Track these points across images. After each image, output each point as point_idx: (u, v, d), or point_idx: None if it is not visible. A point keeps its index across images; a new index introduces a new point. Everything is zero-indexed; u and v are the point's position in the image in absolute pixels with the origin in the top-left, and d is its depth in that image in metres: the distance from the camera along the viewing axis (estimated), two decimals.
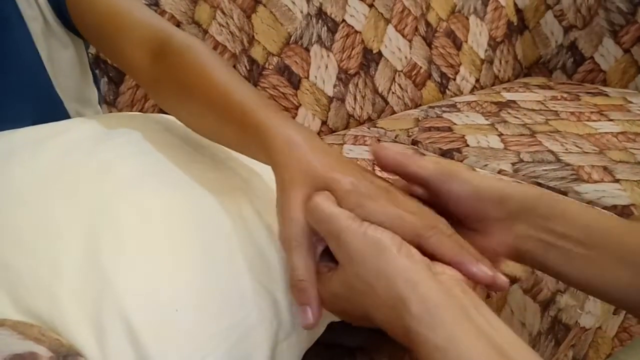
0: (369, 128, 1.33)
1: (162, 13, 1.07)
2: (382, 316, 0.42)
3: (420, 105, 1.46)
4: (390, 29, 1.41)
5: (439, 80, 1.50)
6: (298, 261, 0.45)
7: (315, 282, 0.46)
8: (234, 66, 1.18)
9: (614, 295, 0.47)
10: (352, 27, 1.34)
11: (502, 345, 0.39)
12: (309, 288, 0.45)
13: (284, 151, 0.47)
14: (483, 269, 0.44)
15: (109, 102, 1.03)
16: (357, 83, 1.35)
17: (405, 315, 0.40)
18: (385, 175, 0.52)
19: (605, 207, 0.99)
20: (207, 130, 0.58)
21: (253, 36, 1.20)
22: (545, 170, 1.09)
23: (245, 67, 1.19)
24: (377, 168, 0.53)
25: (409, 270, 0.41)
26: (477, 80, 1.59)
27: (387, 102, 1.41)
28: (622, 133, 1.23)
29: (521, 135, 1.23)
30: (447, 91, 1.52)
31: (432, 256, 0.44)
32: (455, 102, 1.44)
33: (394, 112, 1.42)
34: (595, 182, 1.04)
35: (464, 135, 1.24)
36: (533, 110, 1.38)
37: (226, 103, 0.53)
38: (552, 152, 1.15)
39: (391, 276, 0.41)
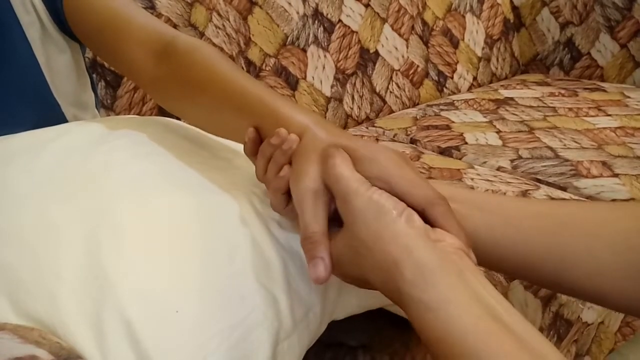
0: (367, 128, 1.33)
1: (158, 16, 1.07)
2: (377, 278, 0.43)
3: (418, 104, 1.46)
4: (387, 28, 1.41)
5: (436, 78, 1.50)
6: (311, 215, 0.46)
7: (327, 236, 0.46)
8: None
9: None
10: (349, 27, 1.34)
11: (496, 309, 0.39)
12: (321, 241, 0.45)
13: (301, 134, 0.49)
14: (472, 255, 0.44)
15: (107, 106, 1.03)
16: (355, 83, 1.35)
17: (399, 279, 0.41)
18: None
19: None
20: (221, 125, 0.58)
21: (249, 38, 1.20)
22: (544, 166, 1.09)
23: (243, 68, 1.19)
24: None
25: (405, 235, 0.42)
26: (475, 78, 1.59)
27: (385, 102, 1.41)
28: (620, 128, 1.23)
29: (519, 132, 1.23)
30: (445, 89, 1.52)
31: (433, 225, 0.44)
32: (453, 100, 1.44)
33: (392, 111, 1.42)
34: (595, 177, 1.04)
35: (462, 133, 1.24)
36: (531, 106, 1.38)
37: (243, 96, 0.54)
38: (550, 148, 1.15)
39: (387, 240, 0.42)
